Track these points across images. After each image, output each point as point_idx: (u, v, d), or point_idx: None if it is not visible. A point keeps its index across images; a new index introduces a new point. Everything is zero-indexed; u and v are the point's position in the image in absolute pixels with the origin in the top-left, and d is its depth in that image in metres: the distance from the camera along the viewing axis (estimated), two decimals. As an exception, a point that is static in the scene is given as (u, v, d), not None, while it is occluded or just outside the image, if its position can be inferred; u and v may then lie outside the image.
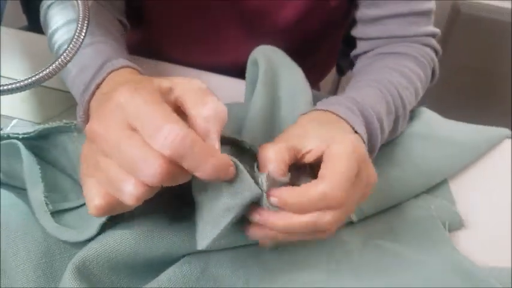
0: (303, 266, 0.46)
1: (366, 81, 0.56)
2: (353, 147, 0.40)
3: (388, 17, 0.62)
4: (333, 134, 0.43)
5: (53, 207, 0.46)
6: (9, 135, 0.49)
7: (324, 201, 0.38)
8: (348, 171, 0.39)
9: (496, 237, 0.55)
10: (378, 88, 0.54)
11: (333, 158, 0.40)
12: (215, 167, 0.34)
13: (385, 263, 0.48)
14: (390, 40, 0.63)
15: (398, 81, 0.56)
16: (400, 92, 0.55)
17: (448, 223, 0.54)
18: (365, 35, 0.65)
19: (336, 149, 0.40)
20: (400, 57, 0.61)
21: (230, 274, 0.44)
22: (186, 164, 0.33)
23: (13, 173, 0.49)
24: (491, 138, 0.63)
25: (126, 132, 0.33)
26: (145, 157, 0.32)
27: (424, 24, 0.64)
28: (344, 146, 0.40)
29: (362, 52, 0.67)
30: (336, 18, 0.75)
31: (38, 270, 0.42)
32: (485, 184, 0.60)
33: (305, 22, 0.72)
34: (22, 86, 0.46)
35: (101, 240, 0.41)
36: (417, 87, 0.59)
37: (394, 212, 0.54)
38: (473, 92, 1.32)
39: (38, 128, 0.49)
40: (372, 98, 0.52)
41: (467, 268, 0.48)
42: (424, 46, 0.64)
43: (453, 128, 0.64)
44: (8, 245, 0.42)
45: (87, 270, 0.40)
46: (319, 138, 0.42)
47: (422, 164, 0.57)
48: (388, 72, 0.57)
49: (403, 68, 0.59)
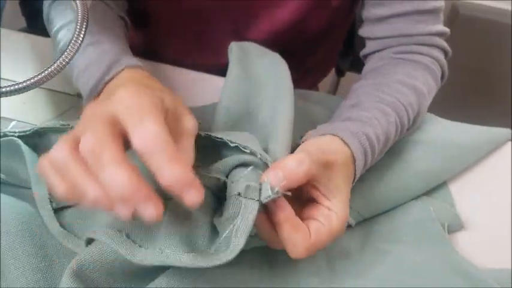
0: (302, 268, 0.46)
1: (377, 101, 0.56)
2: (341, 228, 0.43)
3: (393, 16, 0.62)
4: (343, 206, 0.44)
5: (55, 204, 0.47)
6: (6, 134, 0.49)
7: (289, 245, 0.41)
8: (323, 245, 0.42)
9: (495, 239, 0.55)
10: (387, 115, 0.54)
11: (329, 228, 0.42)
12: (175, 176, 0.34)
13: (385, 265, 0.48)
14: (399, 39, 0.63)
15: (409, 101, 0.57)
16: (409, 115, 0.57)
17: (448, 225, 0.54)
18: (373, 34, 0.65)
19: (335, 225, 0.43)
20: (411, 66, 0.61)
21: (228, 276, 0.44)
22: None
23: (12, 170, 0.49)
24: (492, 140, 0.63)
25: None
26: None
27: (432, 22, 0.63)
28: (340, 224, 0.43)
29: (371, 52, 0.66)
30: (338, 18, 0.75)
31: (37, 273, 0.42)
32: (485, 185, 0.60)
33: (305, 22, 0.72)
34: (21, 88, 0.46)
35: (98, 244, 0.41)
36: (425, 103, 0.60)
37: (394, 213, 0.54)
38: (472, 93, 1.32)
39: (34, 127, 0.49)
40: (379, 128, 0.52)
41: (466, 269, 0.48)
42: (433, 47, 0.63)
43: (452, 129, 0.64)
44: (7, 249, 0.42)
45: (84, 274, 0.40)
46: (338, 201, 0.44)
47: (422, 166, 0.57)
48: (400, 92, 0.57)
49: (415, 82, 0.59)
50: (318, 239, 0.41)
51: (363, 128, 0.51)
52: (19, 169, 0.48)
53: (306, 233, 0.41)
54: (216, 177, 0.44)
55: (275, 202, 0.41)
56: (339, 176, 0.45)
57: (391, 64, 0.62)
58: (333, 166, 0.45)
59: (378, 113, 0.54)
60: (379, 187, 0.54)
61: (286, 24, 0.72)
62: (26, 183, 0.47)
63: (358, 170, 0.48)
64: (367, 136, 0.50)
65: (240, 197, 0.40)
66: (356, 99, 0.57)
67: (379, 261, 0.48)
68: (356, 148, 0.48)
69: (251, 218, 0.39)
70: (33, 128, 0.49)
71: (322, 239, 0.42)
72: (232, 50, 0.62)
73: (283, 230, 0.41)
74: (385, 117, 0.53)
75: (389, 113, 0.54)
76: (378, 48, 0.66)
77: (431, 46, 0.64)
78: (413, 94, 0.58)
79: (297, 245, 0.40)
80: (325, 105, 0.65)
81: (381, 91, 0.57)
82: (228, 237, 0.39)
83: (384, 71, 0.61)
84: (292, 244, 0.41)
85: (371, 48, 0.66)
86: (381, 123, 0.53)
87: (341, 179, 0.45)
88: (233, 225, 0.39)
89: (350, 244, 0.49)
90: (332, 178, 0.44)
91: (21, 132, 0.49)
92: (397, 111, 0.55)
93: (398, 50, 0.63)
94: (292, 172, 0.41)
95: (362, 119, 0.52)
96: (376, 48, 0.66)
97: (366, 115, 0.53)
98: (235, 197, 0.40)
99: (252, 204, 0.40)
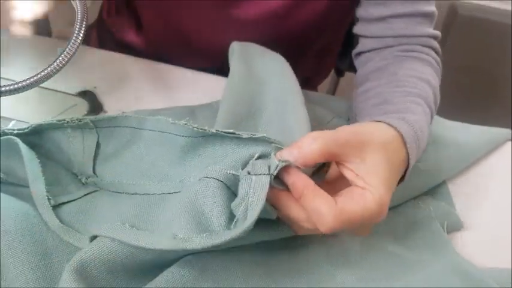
0: (302, 267, 0.46)
1: (405, 95, 0.54)
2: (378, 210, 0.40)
3: (394, 16, 0.63)
4: (382, 192, 0.41)
5: (54, 201, 0.46)
6: (4, 132, 0.49)
7: (316, 216, 0.39)
8: (355, 221, 0.39)
9: (495, 238, 0.55)
10: (420, 104, 0.53)
11: (362, 205, 0.40)
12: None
13: (384, 264, 0.48)
14: (399, 39, 0.63)
15: (428, 95, 0.56)
16: (431, 108, 0.55)
17: (447, 224, 0.54)
18: (370, 33, 0.65)
19: (370, 203, 0.40)
20: (419, 62, 0.61)
21: (229, 275, 0.44)
22: None
23: (10, 169, 0.49)
24: (492, 140, 0.63)
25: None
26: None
27: (428, 25, 0.64)
28: (376, 205, 0.40)
29: (366, 50, 0.66)
30: (334, 12, 0.75)
31: (37, 272, 0.42)
32: (484, 185, 0.60)
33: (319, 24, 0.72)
34: (21, 87, 0.46)
35: (98, 242, 0.41)
36: (438, 97, 0.59)
37: (393, 213, 0.54)
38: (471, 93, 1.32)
39: (32, 125, 0.49)
40: (421, 115, 0.51)
41: (466, 269, 0.48)
42: (430, 49, 0.64)
43: (452, 128, 0.64)
44: (6, 247, 0.42)
45: (84, 271, 0.40)
46: (375, 181, 0.41)
47: (421, 166, 0.57)
48: (420, 86, 0.56)
49: (428, 76, 0.58)
50: (347, 210, 0.39)
51: (405, 115, 0.48)
52: (18, 168, 0.48)
53: (330, 200, 0.39)
54: (232, 173, 0.42)
55: (291, 175, 0.39)
56: (375, 158, 0.41)
57: (396, 62, 0.62)
58: (366, 147, 0.41)
59: (412, 104, 0.52)
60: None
61: (279, 11, 0.70)
62: (25, 182, 0.47)
63: (412, 152, 0.45)
64: (415, 120, 0.47)
65: (250, 175, 0.40)
66: (379, 98, 0.55)
67: (379, 260, 0.48)
68: (405, 130, 0.45)
69: (263, 192, 0.38)
70: (30, 125, 0.49)
71: (355, 211, 0.39)
72: (234, 50, 0.62)
73: (306, 199, 0.38)
74: (420, 107, 0.52)
75: (421, 103, 0.52)
76: (376, 47, 0.65)
77: (429, 47, 0.64)
78: (429, 88, 0.57)
79: (323, 213, 0.38)
80: (325, 106, 0.65)
81: (402, 86, 0.55)
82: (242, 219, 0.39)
83: (392, 69, 0.61)
84: (318, 213, 0.38)
85: (367, 46, 0.66)
86: (420, 113, 0.51)
87: (378, 160, 0.41)
88: (245, 203, 0.39)
89: (350, 244, 0.49)
90: (366, 159, 0.41)
91: (19, 130, 0.49)
92: (427, 102, 0.54)
93: (401, 49, 0.63)
94: (305, 149, 0.39)
95: (401, 110, 0.50)
96: (373, 46, 0.65)
97: (403, 106, 0.51)
98: (246, 176, 0.40)
99: (262, 178, 0.39)
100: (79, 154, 0.50)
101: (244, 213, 0.39)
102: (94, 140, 0.50)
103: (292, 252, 0.47)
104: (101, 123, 0.50)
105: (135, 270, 0.42)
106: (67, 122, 0.49)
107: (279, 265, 0.46)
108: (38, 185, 0.47)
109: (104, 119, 0.50)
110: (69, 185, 0.49)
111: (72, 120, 0.49)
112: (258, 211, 0.37)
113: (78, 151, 0.50)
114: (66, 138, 0.50)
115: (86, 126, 0.50)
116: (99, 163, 0.50)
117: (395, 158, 0.44)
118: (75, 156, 0.50)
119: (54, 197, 0.47)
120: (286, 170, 0.39)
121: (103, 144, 0.51)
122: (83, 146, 0.50)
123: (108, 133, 0.51)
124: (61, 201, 0.47)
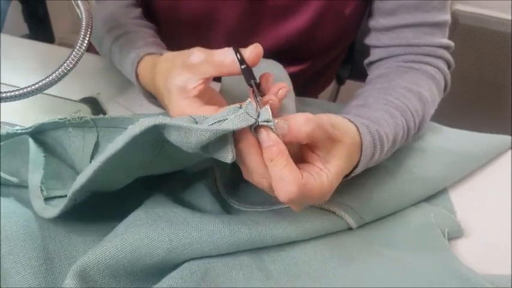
0: (302, 270, 0.46)
1: (385, 104, 0.56)
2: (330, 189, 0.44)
3: (403, 26, 0.64)
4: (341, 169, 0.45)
5: (47, 193, 0.47)
6: (8, 133, 0.50)
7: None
8: (312, 196, 0.43)
9: (495, 245, 0.55)
10: (395, 117, 0.55)
11: (320, 182, 0.43)
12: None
13: (384, 269, 0.48)
14: (407, 49, 0.65)
15: (415, 107, 0.57)
16: (415, 120, 0.57)
17: (448, 231, 0.54)
18: (380, 43, 0.67)
19: (326, 182, 0.43)
20: (417, 75, 0.62)
21: (230, 279, 0.44)
22: None
23: (14, 170, 0.50)
24: (493, 147, 0.64)
25: None
26: None
27: (439, 35, 0.65)
28: (329, 185, 0.44)
29: (377, 59, 0.68)
30: (349, 27, 0.76)
31: (38, 276, 0.42)
32: (485, 192, 0.60)
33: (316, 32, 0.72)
34: (25, 93, 0.46)
35: (101, 246, 0.41)
36: (429, 111, 0.60)
37: (394, 219, 0.54)
38: (473, 102, 1.32)
39: (34, 124, 0.50)
40: (387, 129, 0.53)
41: (467, 276, 0.48)
42: (438, 59, 0.65)
43: (453, 136, 0.64)
44: (7, 253, 0.42)
45: (87, 276, 0.40)
46: (332, 167, 0.44)
47: (422, 173, 0.58)
48: (407, 97, 0.58)
49: (420, 89, 0.59)
50: (308, 186, 0.41)
51: (373, 124, 0.51)
52: (21, 169, 0.49)
53: (298, 173, 0.41)
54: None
55: (271, 138, 0.40)
56: (340, 154, 0.45)
57: (397, 72, 0.63)
58: (337, 143, 0.45)
59: (385, 114, 0.54)
60: (380, 192, 0.54)
61: (294, 37, 0.72)
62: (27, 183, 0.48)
63: (363, 161, 0.49)
64: (378, 133, 0.50)
65: (239, 109, 0.40)
66: (363, 100, 0.58)
67: (379, 265, 0.48)
68: (367, 141, 0.49)
69: (243, 124, 0.39)
70: (33, 125, 0.50)
71: (312, 188, 0.42)
72: None
73: (277, 164, 0.40)
74: (392, 120, 0.54)
75: (396, 116, 0.55)
76: (384, 56, 0.67)
77: (437, 57, 0.65)
78: (418, 101, 0.58)
79: (290, 182, 0.40)
80: (324, 110, 0.66)
81: (388, 94, 0.57)
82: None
83: (390, 77, 0.62)
84: (284, 180, 0.40)
85: (376, 56, 0.68)
86: (389, 124, 0.53)
87: (341, 156, 0.45)
88: (222, 117, 0.39)
89: (350, 248, 0.49)
90: (332, 152, 0.44)
91: (22, 129, 0.50)
92: (404, 115, 0.56)
93: (405, 59, 0.64)
94: (297, 126, 0.41)
95: (371, 118, 0.52)
96: (382, 56, 0.67)
97: (375, 115, 0.53)
98: (235, 107, 0.40)
99: (248, 118, 0.39)
100: (79, 152, 0.51)
101: (220, 121, 0.39)
102: (93, 138, 0.52)
103: (293, 256, 0.47)
104: (102, 123, 0.53)
105: (137, 275, 0.42)
106: (69, 121, 0.51)
107: (279, 268, 0.46)
108: (36, 175, 0.47)
109: (104, 119, 0.53)
110: (68, 180, 0.50)
111: (73, 119, 0.51)
112: (231, 128, 0.38)
113: (78, 149, 0.52)
114: (68, 136, 0.51)
115: (87, 125, 0.52)
116: None
117: (353, 159, 0.48)
118: (76, 154, 0.51)
119: (50, 189, 0.47)
120: (267, 131, 0.40)
121: (102, 143, 0.52)
122: (83, 144, 0.52)
123: (108, 133, 0.52)
124: (54, 195, 0.47)
